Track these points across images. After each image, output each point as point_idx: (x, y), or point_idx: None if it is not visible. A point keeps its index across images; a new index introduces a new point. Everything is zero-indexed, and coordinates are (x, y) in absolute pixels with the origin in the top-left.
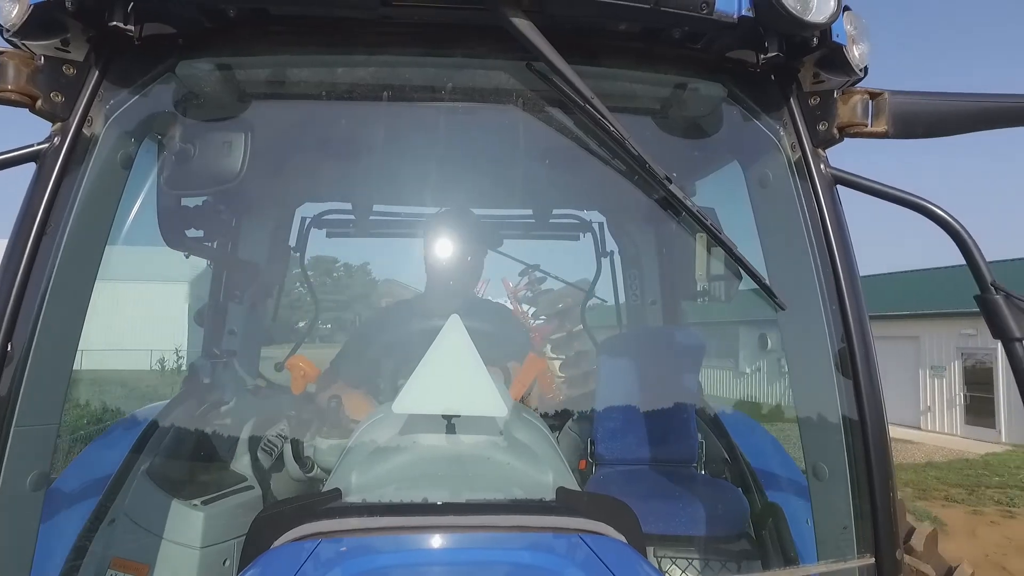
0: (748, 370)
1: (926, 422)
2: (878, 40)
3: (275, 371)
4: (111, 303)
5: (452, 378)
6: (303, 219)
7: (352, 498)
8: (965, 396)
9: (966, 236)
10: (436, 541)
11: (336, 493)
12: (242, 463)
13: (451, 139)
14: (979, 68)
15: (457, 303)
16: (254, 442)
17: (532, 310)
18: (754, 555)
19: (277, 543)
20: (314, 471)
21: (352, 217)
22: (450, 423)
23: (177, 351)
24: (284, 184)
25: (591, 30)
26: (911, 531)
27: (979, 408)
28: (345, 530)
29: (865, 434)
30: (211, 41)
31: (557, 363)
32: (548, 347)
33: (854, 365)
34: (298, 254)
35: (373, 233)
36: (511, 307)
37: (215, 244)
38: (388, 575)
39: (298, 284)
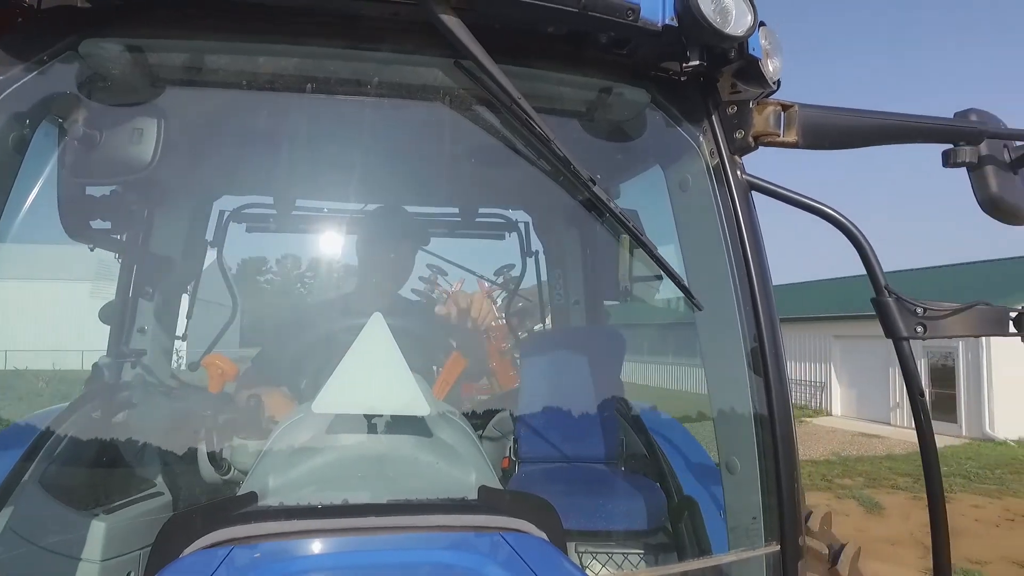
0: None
1: (895, 418)
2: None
3: (190, 370)
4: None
5: (374, 377)
6: (221, 212)
7: (269, 501)
8: (930, 393)
9: (865, 243)
10: (356, 543)
11: (252, 496)
12: (151, 468)
13: (377, 135)
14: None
15: (384, 302)
16: (165, 445)
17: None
18: (671, 547)
19: (187, 551)
20: (231, 474)
21: (274, 212)
22: (372, 423)
23: (82, 352)
24: (201, 176)
25: (520, 31)
26: (808, 514)
27: (943, 404)
28: (261, 535)
29: (773, 429)
30: (120, 19)
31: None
32: (508, 346)
33: (764, 363)
34: (216, 248)
35: (296, 229)
36: (486, 308)
37: (123, 237)
38: None
39: (216, 280)
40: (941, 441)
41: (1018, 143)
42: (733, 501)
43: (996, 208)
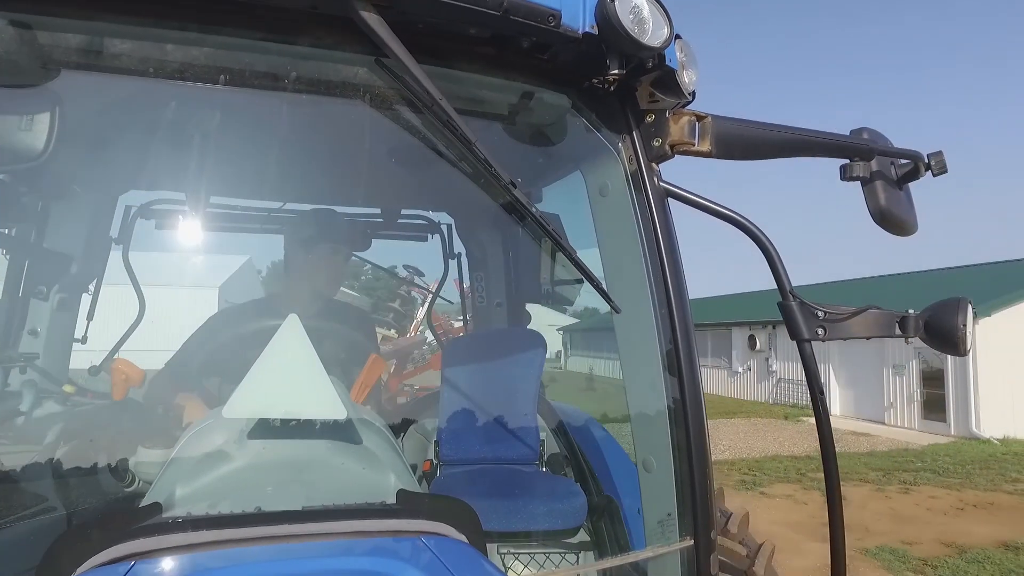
0: (740, 369)
1: (889, 417)
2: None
3: (90, 375)
4: None
5: (288, 381)
6: (127, 208)
7: (175, 512)
8: (922, 393)
9: (772, 250)
10: (270, 552)
11: (155, 507)
12: (42, 481)
13: (295, 132)
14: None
15: (315, 306)
16: (59, 456)
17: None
18: (591, 546)
19: (80, 569)
20: (135, 485)
21: (185, 208)
22: (286, 428)
23: None
24: (104, 168)
25: (442, 31)
26: (729, 516)
27: (934, 405)
28: (165, 548)
29: (687, 428)
30: None
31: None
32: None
33: (679, 365)
34: (121, 246)
35: (210, 227)
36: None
37: (13, 231)
38: None
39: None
40: (930, 439)
41: (903, 161)
42: (650, 499)
43: (885, 220)
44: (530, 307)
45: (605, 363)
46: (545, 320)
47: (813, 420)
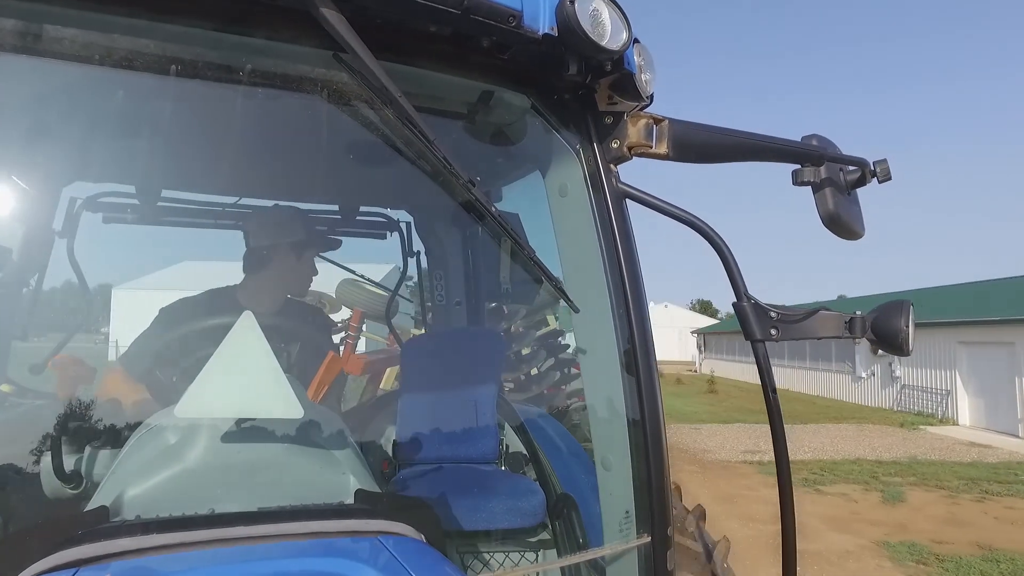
0: (864, 375)
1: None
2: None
3: (31, 374)
4: None
5: (243, 379)
6: (72, 200)
7: (123, 515)
8: None
9: (727, 251)
10: (224, 556)
11: (102, 511)
12: None
13: (251, 126)
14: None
15: (267, 301)
16: None
17: None
18: (550, 544)
19: None
20: (83, 487)
21: (136, 202)
22: (241, 427)
23: None
24: (45, 158)
25: (402, 28)
26: (685, 516)
27: None
28: (112, 553)
29: (644, 427)
30: None
31: None
32: None
33: (636, 364)
34: (65, 239)
35: (161, 221)
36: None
37: None
38: None
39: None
40: None
41: (851, 168)
42: (608, 497)
43: (834, 224)
44: (669, 311)
45: (739, 367)
46: (681, 322)
47: (935, 430)
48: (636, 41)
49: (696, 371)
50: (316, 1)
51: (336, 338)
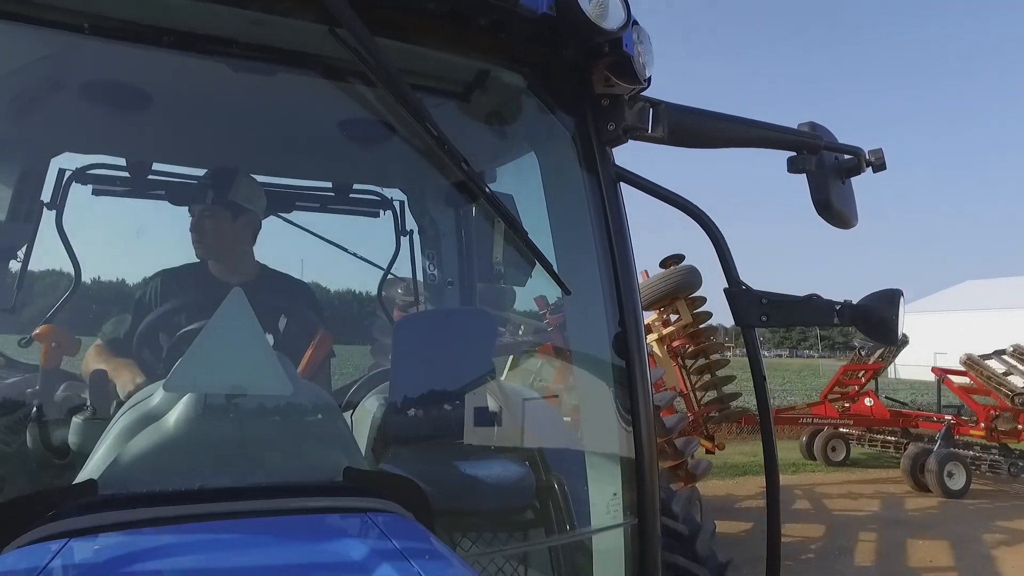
0: None
1: None
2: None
3: (19, 347)
4: None
5: (233, 355)
6: (61, 171)
7: (112, 488)
8: None
9: (720, 236)
10: (212, 530)
11: (91, 484)
12: None
13: (245, 99)
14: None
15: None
16: None
17: None
18: (538, 524)
19: (9, 548)
20: (68, 457)
21: (126, 174)
22: (230, 403)
23: None
24: (32, 128)
25: (400, 5)
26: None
27: None
28: (101, 525)
29: (633, 409)
30: None
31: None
32: None
33: (627, 347)
34: (54, 211)
35: (152, 195)
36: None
37: None
38: (153, 574)
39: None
40: None
41: (846, 156)
42: (596, 480)
43: (828, 212)
44: None
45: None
46: None
47: None
48: (635, 23)
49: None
50: None
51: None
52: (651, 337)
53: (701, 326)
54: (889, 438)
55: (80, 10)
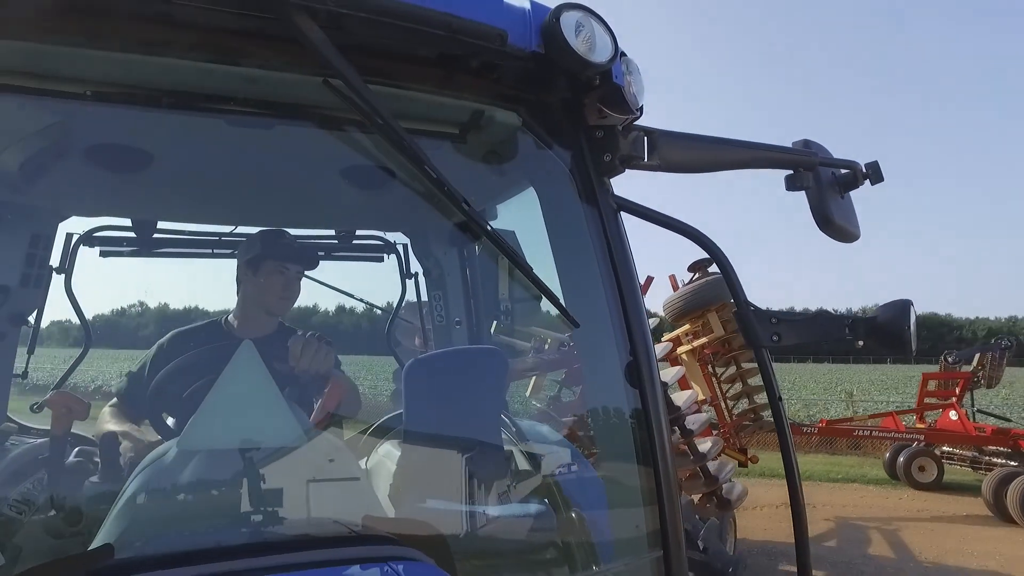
0: None
1: None
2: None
3: (32, 412)
4: None
5: (245, 409)
6: (68, 235)
7: (129, 552)
8: None
9: (725, 260)
10: None
11: (107, 549)
12: None
13: (245, 154)
14: None
15: (258, 326)
16: None
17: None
18: (561, 561)
19: None
20: (81, 524)
21: (132, 235)
22: (245, 457)
23: None
24: (40, 194)
25: (390, 52)
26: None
27: None
28: None
29: (652, 440)
30: None
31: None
32: None
33: (639, 377)
34: (63, 275)
35: (158, 253)
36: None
37: None
38: None
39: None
40: None
41: (843, 170)
42: (617, 512)
43: (829, 227)
44: None
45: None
46: None
47: None
48: (623, 54)
49: None
50: (304, 29)
51: None
52: (682, 349)
53: (733, 332)
54: (995, 460)
55: (81, 77)
